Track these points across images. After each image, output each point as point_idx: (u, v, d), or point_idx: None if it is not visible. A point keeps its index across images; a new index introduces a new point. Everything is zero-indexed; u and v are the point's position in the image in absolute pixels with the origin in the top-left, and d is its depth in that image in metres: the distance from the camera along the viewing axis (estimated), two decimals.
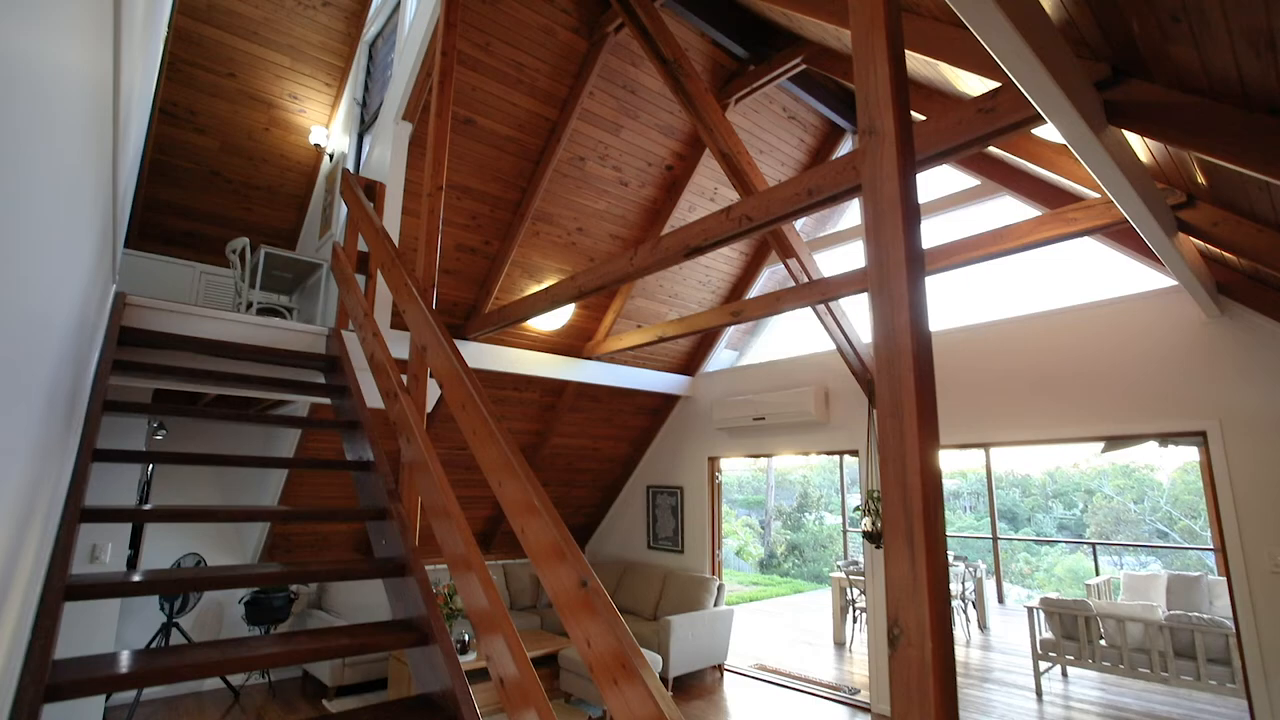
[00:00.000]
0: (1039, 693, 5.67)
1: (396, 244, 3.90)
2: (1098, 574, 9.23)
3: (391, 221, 4.04)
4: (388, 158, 4.16)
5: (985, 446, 4.97)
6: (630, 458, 7.38)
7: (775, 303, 4.36)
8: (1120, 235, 4.01)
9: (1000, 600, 10.11)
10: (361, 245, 4.04)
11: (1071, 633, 5.56)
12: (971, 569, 8.48)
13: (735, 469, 17.99)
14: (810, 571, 14.31)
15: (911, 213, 1.06)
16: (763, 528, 16.87)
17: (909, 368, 0.98)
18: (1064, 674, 6.24)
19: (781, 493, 17.25)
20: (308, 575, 2.20)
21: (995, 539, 10.64)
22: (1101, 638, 5.43)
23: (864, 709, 5.16)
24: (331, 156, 5.32)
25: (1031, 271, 5.02)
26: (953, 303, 5.37)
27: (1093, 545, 10.66)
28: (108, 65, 1.30)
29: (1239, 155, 1.84)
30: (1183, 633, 4.98)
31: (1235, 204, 2.67)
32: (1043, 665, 5.76)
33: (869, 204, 1.07)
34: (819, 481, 16.68)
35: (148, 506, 3.71)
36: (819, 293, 4.09)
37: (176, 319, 3.22)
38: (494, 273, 5.15)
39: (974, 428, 4.80)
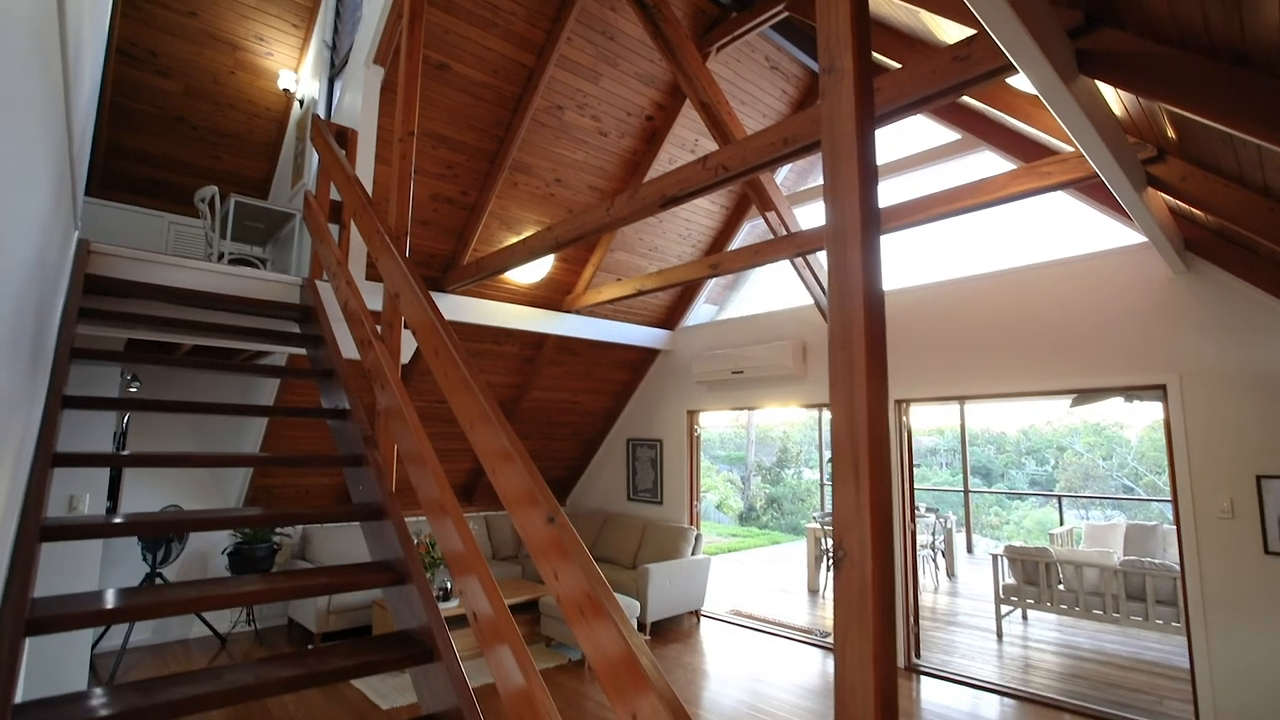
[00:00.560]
0: (999, 634, 5.95)
1: (370, 193, 3.84)
2: (1062, 525, 9.58)
3: (364, 169, 3.96)
4: (359, 104, 4.05)
5: (960, 399, 5.09)
6: (610, 411, 7.45)
7: (754, 255, 4.36)
8: (1093, 190, 4.04)
9: (969, 550, 10.48)
10: (335, 194, 3.96)
11: (1032, 578, 5.81)
12: (942, 520, 8.76)
13: (717, 425, 18.22)
14: (788, 524, 14.68)
15: (868, 152, 1.07)
16: (743, 482, 17.21)
17: (859, 304, 1.01)
18: (1024, 617, 6.54)
19: (762, 448, 17.54)
20: (285, 518, 2.24)
21: (966, 492, 10.98)
22: (1060, 582, 5.68)
23: (832, 650, 5.39)
24: (301, 103, 5.16)
25: (1006, 227, 5.05)
26: (928, 258, 5.41)
27: (1059, 498, 11.03)
28: None
29: (1203, 105, 1.86)
30: (1135, 576, 5.23)
31: (1203, 159, 2.70)
32: (1004, 609, 6.03)
33: (826, 143, 1.08)
34: (799, 438, 16.95)
35: (124, 452, 3.72)
36: (796, 246, 4.10)
37: (144, 267, 3.16)
38: (471, 224, 5.09)
39: (948, 382, 4.91)
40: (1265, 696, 3.50)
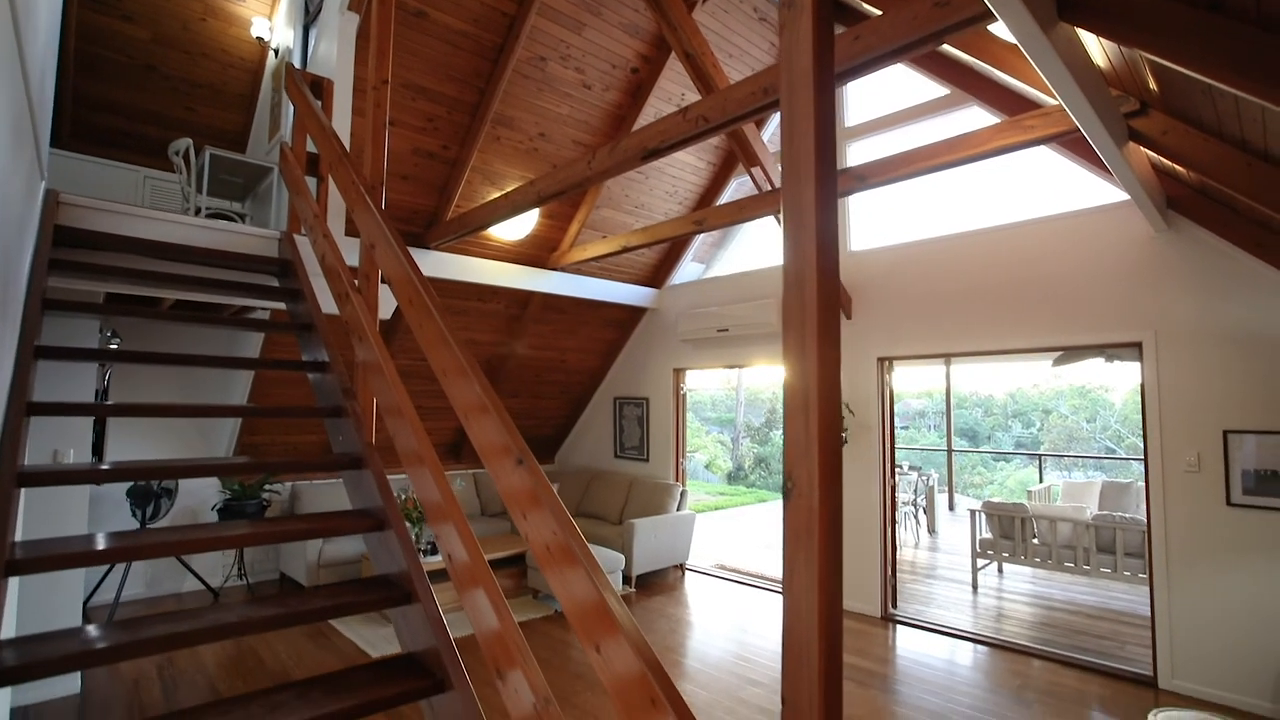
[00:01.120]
0: (974, 586, 6.13)
1: (347, 145, 3.77)
2: (1041, 483, 9.80)
3: (341, 120, 3.87)
4: (334, 53, 3.94)
5: (942, 357, 5.13)
6: (597, 370, 7.48)
7: (738, 211, 4.34)
8: (1076, 145, 4.02)
9: (951, 508, 10.70)
10: (311, 147, 3.89)
11: (1008, 532, 5.97)
12: (924, 478, 8.93)
13: (709, 388, 18.40)
14: (775, 483, 14.92)
15: (825, 90, 1.06)
16: (733, 443, 17.43)
17: (811, 239, 1.01)
18: (1000, 570, 6.72)
19: (751, 409, 17.71)
20: (265, 467, 2.26)
21: (950, 452, 11.16)
22: (1034, 537, 5.84)
23: None
24: (276, 52, 5.01)
25: (990, 185, 5.03)
26: (911, 217, 5.39)
27: (1039, 457, 11.23)
28: None
29: (1181, 53, 1.85)
30: (1106, 530, 5.38)
31: (1184, 111, 2.69)
32: (981, 562, 6.21)
33: (784, 79, 1.08)
34: None
35: (107, 403, 3.71)
36: (780, 201, 4.07)
37: (116, 219, 3.12)
38: (454, 179, 5.01)
39: (931, 339, 4.95)
40: (1217, 640, 3.65)
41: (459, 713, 1.71)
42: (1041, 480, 10.24)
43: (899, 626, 4.96)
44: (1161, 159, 3.44)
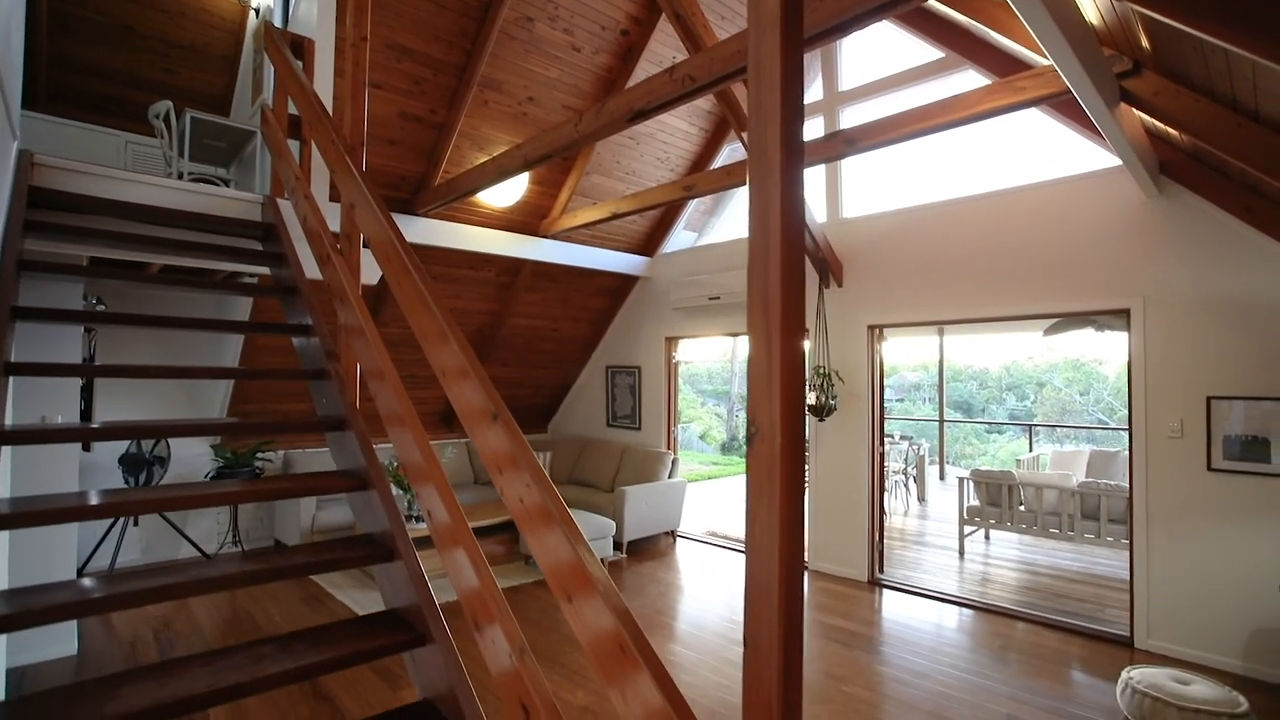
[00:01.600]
0: (961, 552, 6.22)
1: (329, 106, 3.70)
2: (1031, 452, 9.89)
3: (323, 81, 3.80)
4: (315, 11, 3.84)
5: (934, 325, 5.14)
6: (590, 338, 7.47)
7: (726, 177, 4.29)
8: (1068, 108, 3.97)
9: (941, 478, 10.82)
10: (294, 109, 3.82)
11: (996, 500, 6.04)
12: (915, 448, 9.00)
13: (705, 360, 18.50)
14: None
15: (792, 47, 1.04)
16: (728, 414, 17.53)
17: (775, 184, 1.00)
18: (987, 537, 6.82)
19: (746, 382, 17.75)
20: (247, 428, 2.27)
21: (941, 422, 11.24)
22: (1021, 503, 5.91)
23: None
24: (257, 11, 4.89)
25: (983, 151, 4.98)
26: (903, 184, 5.35)
27: (1029, 428, 11.31)
28: None
29: (1168, 4, 1.81)
30: (1091, 497, 5.45)
31: (1176, 70, 2.65)
32: (968, 529, 6.29)
33: (751, 39, 1.06)
34: None
35: (83, 363, 3.70)
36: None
37: (94, 181, 3.07)
38: (442, 144, 4.94)
39: (921, 307, 4.94)
40: (1192, 601, 3.73)
41: (439, 664, 1.74)
42: (1031, 449, 10.33)
43: (885, 590, 5.05)
44: (1154, 122, 3.40)
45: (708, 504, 8.98)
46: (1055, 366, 15.99)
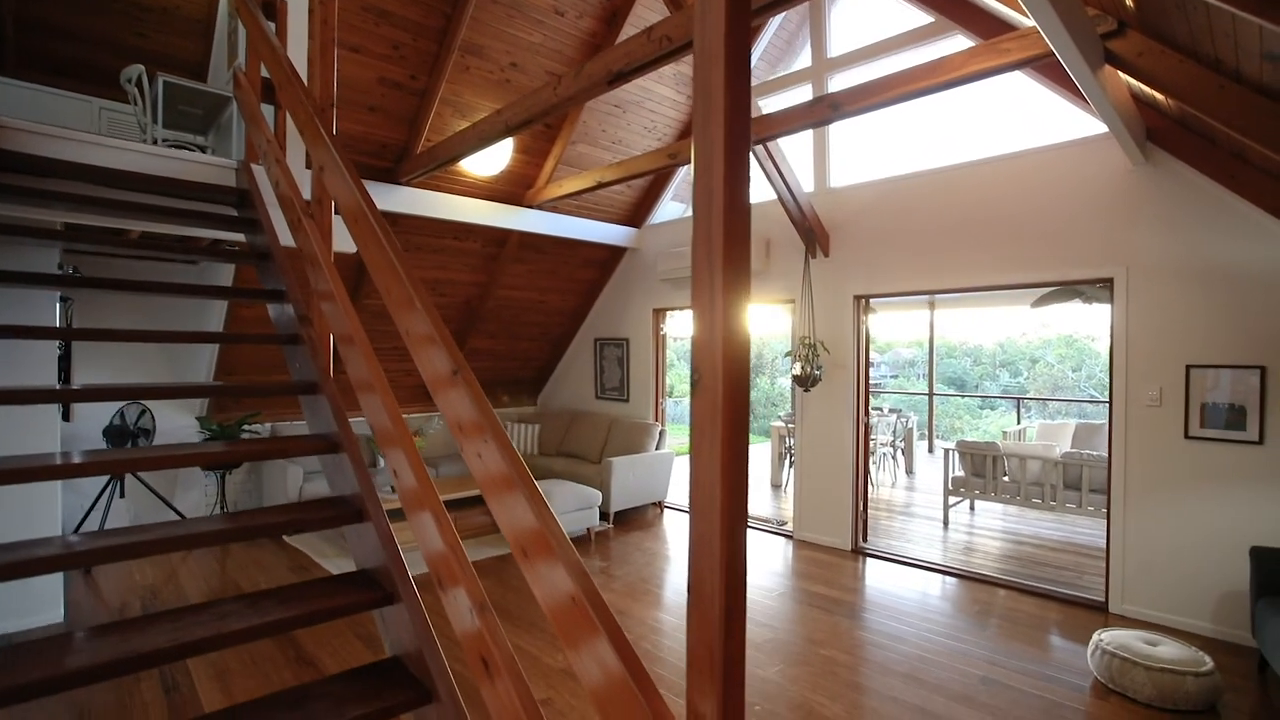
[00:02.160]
0: (945, 522, 6.29)
1: (303, 68, 3.62)
2: (1019, 425, 9.97)
3: (297, 44, 3.71)
4: None
5: (919, 294, 5.13)
6: (578, 310, 7.44)
7: None
8: (1054, 72, 3.91)
9: (930, 450, 10.90)
10: (266, 73, 3.74)
11: (980, 470, 6.09)
12: (903, 420, 9.05)
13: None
14: (760, 427, 15.08)
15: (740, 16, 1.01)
16: None
17: (719, 123, 0.98)
18: (971, 508, 6.89)
19: None
20: (215, 390, 2.25)
21: (931, 396, 11.29)
22: (1005, 474, 5.97)
23: (787, 536, 5.68)
24: None
25: (969, 120, 4.92)
26: (891, 152, 5.29)
27: (1018, 402, 11.38)
28: None
29: None
30: (1073, 467, 5.50)
31: (1160, 30, 2.61)
32: (953, 500, 6.35)
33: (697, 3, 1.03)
34: (778, 347, 17.19)
35: (47, 325, 3.66)
36: (755, 132, 3.97)
37: (63, 145, 3.01)
38: (423, 111, 4.86)
39: (907, 277, 4.92)
40: (1165, 566, 3.78)
41: (406, 622, 1.75)
42: (1019, 422, 10.41)
43: (869, 559, 5.10)
44: (1141, 87, 3.36)
45: None
46: (1048, 343, 16.06)
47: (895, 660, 3.39)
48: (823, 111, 3.61)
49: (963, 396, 15.70)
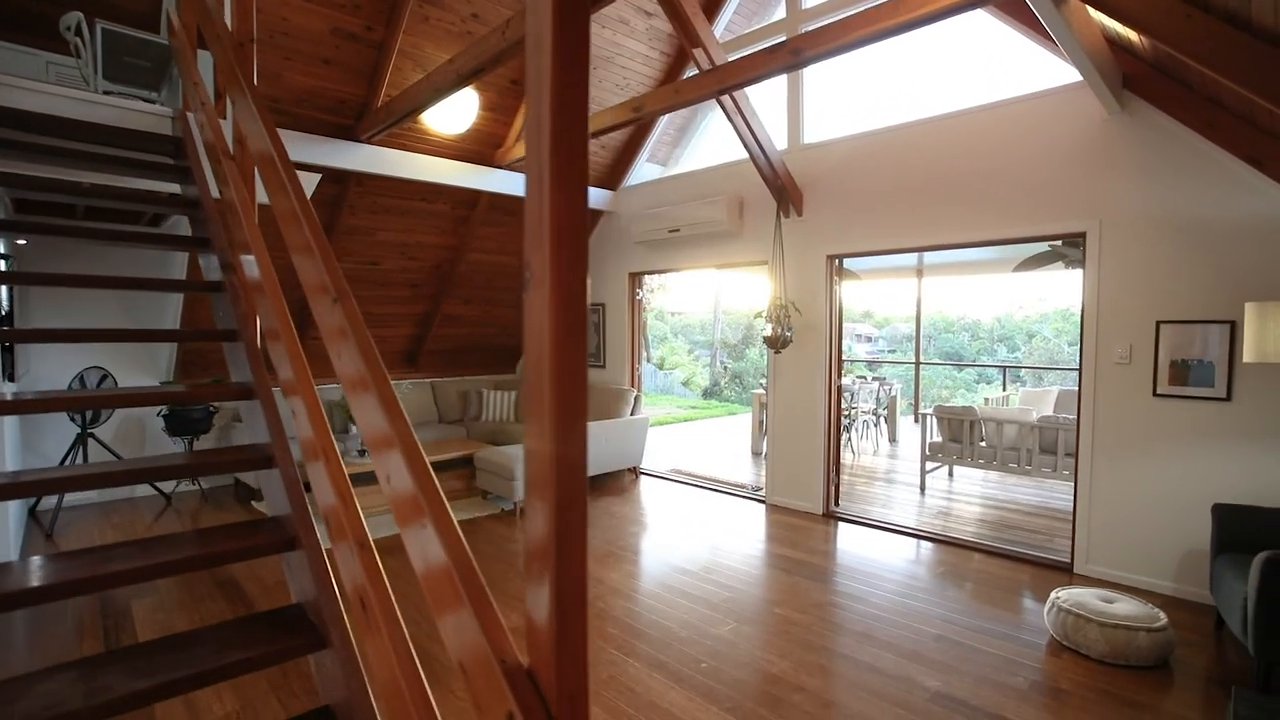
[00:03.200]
0: (922, 487, 6.25)
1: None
2: (1005, 391, 9.92)
3: None
4: None
5: (892, 251, 5.01)
6: None
7: (674, 95, 4.09)
8: (1025, 14, 3.76)
9: (916, 420, 10.86)
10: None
11: (957, 436, 6.03)
12: (887, 388, 8.99)
13: (699, 312, 18.78)
14: (748, 397, 15.08)
15: None
16: (711, 360, 17.58)
17: (549, 53, 0.88)
18: (950, 474, 6.85)
19: (732, 332, 17.83)
20: (122, 336, 2.16)
21: (918, 364, 11.21)
22: (982, 439, 5.91)
23: (761, 501, 5.64)
24: None
25: (947, 71, 4.76)
26: (867, 107, 5.14)
27: (1003, 370, 11.32)
28: None
29: None
30: (1049, 431, 5.44)
31: None
32: (930, 465, 6.31)
33: None
34: None
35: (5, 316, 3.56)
36: (718, 81, 3.83)
37: None
38: (382, 64, 4.69)
39: (879, 235, 4.80)
40: (1130, 527, 3.73)
41: (306, 568, 1.70)
42: (1005, 389, 10.35)
43: (840, 523, 5.07)
44: (1115, 28, 3.22)
45: (680, 443, 9.01)
46: (1045, 317, 16.04)
47: (851, 619, 3.35)
48: (783, 58, 3.46)
49: (943, 365, 15.65)
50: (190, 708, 2.51)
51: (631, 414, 6.30)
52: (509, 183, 5.78)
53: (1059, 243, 6.05)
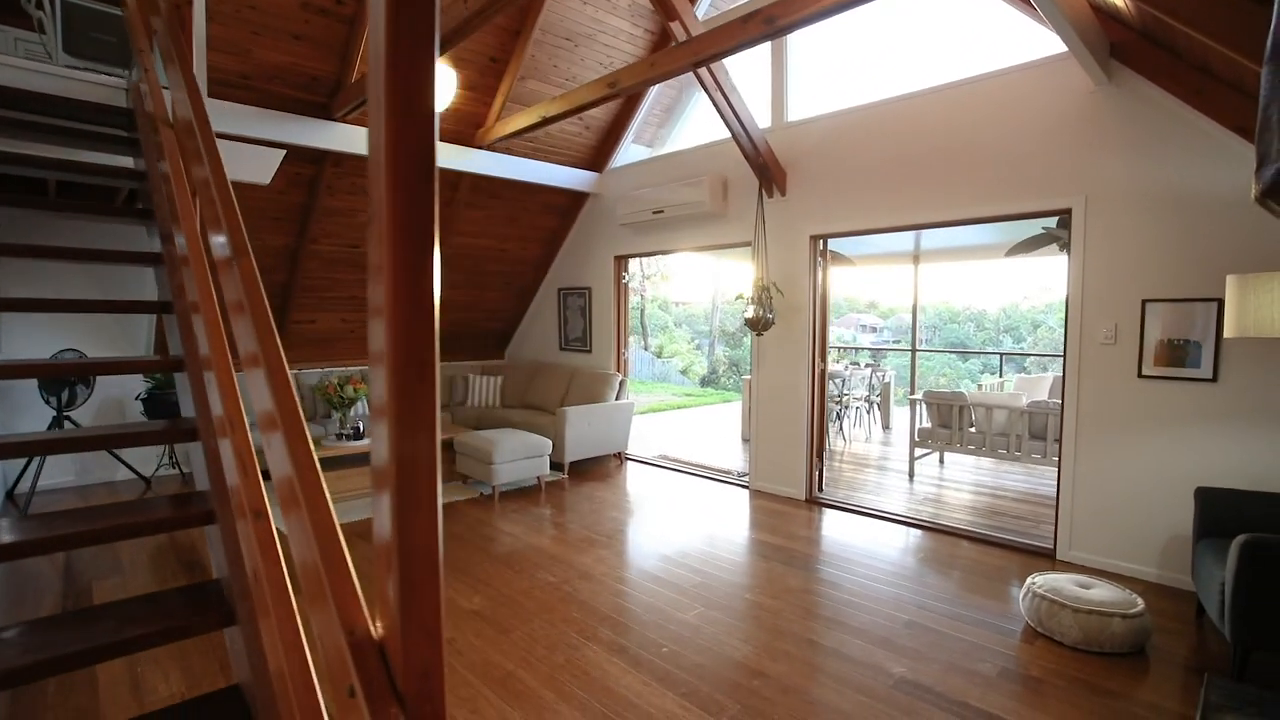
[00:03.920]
0: (911, 474, 6.16)
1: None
2: (1001, 378, 9.80)
3: None
4: None
5: (876, 231, 4.90)
6: (542, 260, 7.23)
7: (649, 69, 3.98)
8: None
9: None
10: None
11: (947, 421, 5.93)
12: (880, 374, 8.88)
13: (701, 302, 18.81)
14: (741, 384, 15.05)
15: None
16: (709, 348, 17.52)
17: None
18: (941, 461, 6.76)
19: (731, 321, 17.78)
20: (46, 305, 2.09)
21: (914, 351, 11.08)
22: (972, 425, 5.81)
23: (744, 487, 5.57)
24: None
25: (930, 44, 4.63)
26: (853, 83, 5.01)
27: (999, 357, 11.19)
28: None
29: None
30: (1039, 417, 5.34)
31: None
32: (920, 452, 6.21)
33: None
34: None
35: None
36: (693, 53, 3.72)
37: None
38: (354, 40, 4.59)
39: (864, 214, 4.68)
40: (1113, 512, 3.64)
41: (219, 543, 1.63)
42: (1001, 375, 10.23)
43: (823, 509, 4.99)
44: None
45: (672, 431, 8.93)
46: (1051, 307, 15.92)
47: (822, 605, 3.28)
48: (758, 27, 3.35)
49: (942, 353, 15.54)
50: (135, 689, 2.45)
51: (616, 399, 6.22)
52: (491, 163, 5.68)
53: (1053, 224, 5.93)
